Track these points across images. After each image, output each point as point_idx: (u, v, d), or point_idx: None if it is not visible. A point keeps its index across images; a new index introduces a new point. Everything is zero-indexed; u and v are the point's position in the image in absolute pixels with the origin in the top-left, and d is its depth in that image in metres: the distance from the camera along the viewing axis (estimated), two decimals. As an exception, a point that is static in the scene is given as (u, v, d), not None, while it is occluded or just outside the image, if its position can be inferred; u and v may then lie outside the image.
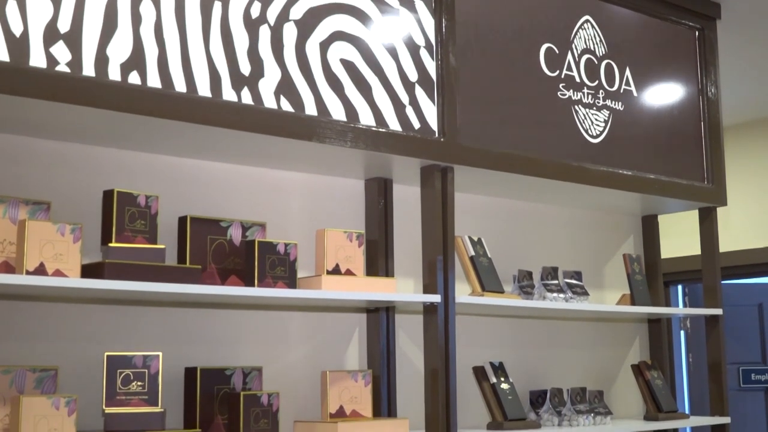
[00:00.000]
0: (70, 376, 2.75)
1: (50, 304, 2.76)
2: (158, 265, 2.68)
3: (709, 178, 4.21)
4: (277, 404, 2.88)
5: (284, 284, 2.94)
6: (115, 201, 2.70)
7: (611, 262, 4.35)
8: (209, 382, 2.90)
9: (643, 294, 4.06)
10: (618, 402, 4.26)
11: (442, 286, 3.22)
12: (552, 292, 3.69)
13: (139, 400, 2.68)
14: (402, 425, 3.15)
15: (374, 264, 3.38)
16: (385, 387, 3.35)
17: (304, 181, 3.36)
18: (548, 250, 4.07)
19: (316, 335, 3.32)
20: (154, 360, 2.73)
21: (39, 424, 2.44)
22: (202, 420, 2.86)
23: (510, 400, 3.50)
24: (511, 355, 3.86)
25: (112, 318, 2.88)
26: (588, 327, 4.21)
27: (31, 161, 2.79)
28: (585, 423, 3.68)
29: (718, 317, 4.17)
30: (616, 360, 4.31)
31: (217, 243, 2.99)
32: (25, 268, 2.46)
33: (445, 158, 3.28)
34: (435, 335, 3.19)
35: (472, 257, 3.51)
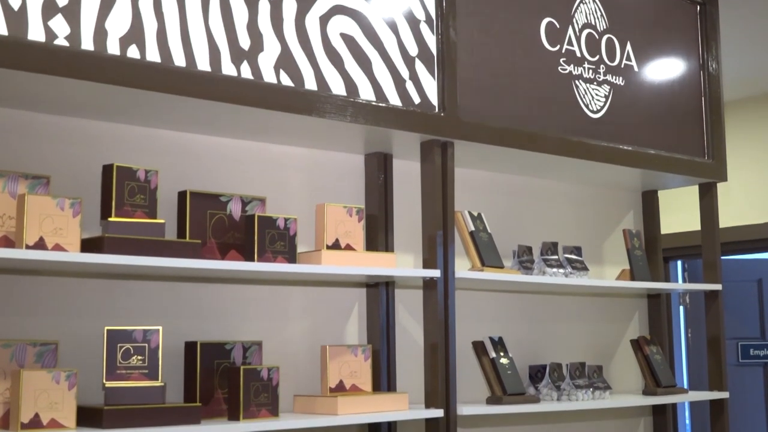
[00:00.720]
0: (70, 350, 2.75)
1: (50, 279, 2.77)
2: (158, 240, 2.68)
3: (710, 154, 4.20)
4: (276, 378, 2.88)
5: (284, 259, 2.94)
6: (115, 175, 2.69)
7: (611, 238, 4.35)
8: (209, 357, 2.91)
9: (642, 269, 4.06)
10: (617, 377, 4.27)
11: (442, 261, 3.22)
12: (552, 267, 3.69)
13: (140, 374, 2.69)
14: (401, 400, 3.16)
15: (374, 239, 3.38)
16: (384, 362, 3.36)
17: (304, 156, 3.36)
18: (548, 225, 4.07)
19: (315, 310, 3.33)
20: (154, 334, 2.73)
21: (39, 397, 2.45)
22: (202, 394, 2.87)
23: (509, 374, 3.51)
24: (511, 330, 3.87)
25: (112, 292, 2.88)
26: (587, 302, 4.22)
27: (30, 135, 2.78)
28: (584, 397, 3.69)
29: (717, 292, 4.18)
30: (616, 335, 4.32)
31: (216, 218, 2.98)
32: (25, 242, 2.46)
33: (445, 133, 3.27)
34: (435, 310, 3.20)
35: (472, 232, 3.51)
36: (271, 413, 2.85)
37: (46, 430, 2.44)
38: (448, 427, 3.18)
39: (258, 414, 2.82)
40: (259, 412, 2.82)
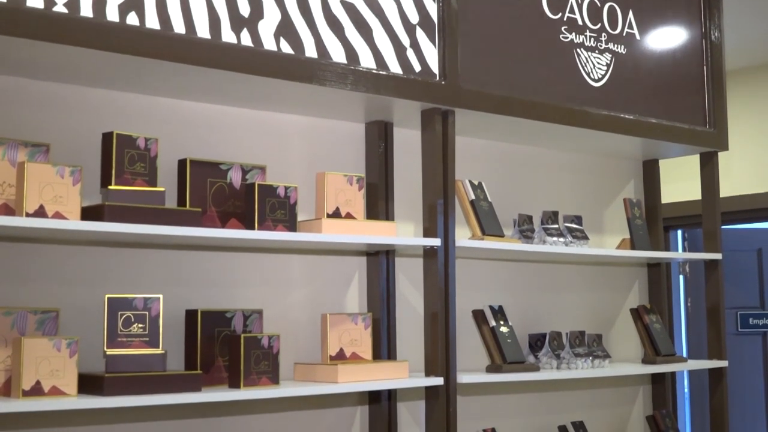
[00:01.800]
0: (71, 318, 2.76)
1: (50, 246, 2.77)
2: (158, 208, 2.67)
3: (711, 123, 4.19)
4: (277, 346, 2.89)
5: (284, 227, 2.94)
6: (115, 143, 2.69)
7: (612, 207, 4.35)
8: (210, 325, 2.91)
9: (642, 238, 4.06)
10: (616, 345, 4.28)
11: (442, 230, 3.22)
12: (552, 236, 3.69)
13: (140, 342, 2.69)
14: (402, 368, 3.17)
15: (374, 207, 3.38)
16: (384, 330, 3.37)
17: (304, 124, 3.35)
18: (549, 194, 4.07)
19: (316, 278, 3.33)
20: (154, 302, 2.73)
21: (41, 365, 2.45)
22: (203, 362, 2.88)
23: (509, 343, 3.52)
24: (511, 298, 3.87)
25: (113, 260, 2.88)
26: (587, 271, 4.22)
27: (30, 103, 2.77)
28: (583, 366, 3.70)
29: (717, 262, 4.18)
30: (615, 304, 4.33)
31: (217, 186, 2.98)
32: (25, 210, 2.46)
33: (446, 101, 3.26)
34: (435, 279, 3.20)
35: (473, 201, 3.50)
36: (271, 381, 2.86)
37: (48, 397, 2.45)
38: (448, 395, 3.19)
39: (258, 382, 2.83)
40: (260, 379, 2.83)
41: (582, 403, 4.11)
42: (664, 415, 4.18)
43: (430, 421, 3.20)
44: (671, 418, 4.21)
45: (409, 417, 3.49)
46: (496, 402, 3.80)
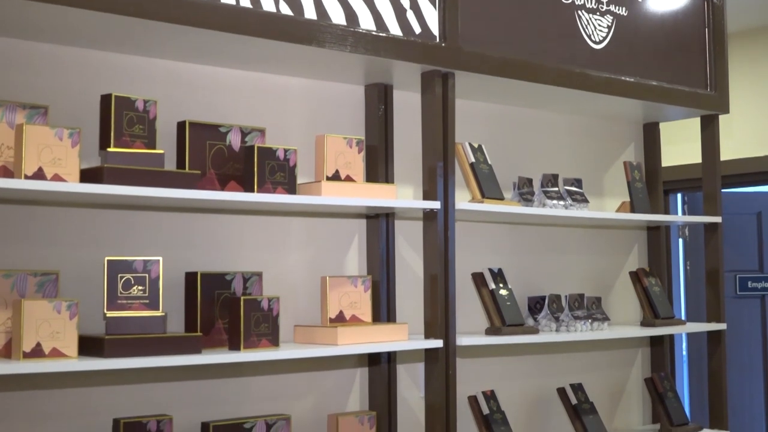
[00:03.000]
0: (71, 280, 2.76)
1: (49, 209, 2.76)
2: (157, 170, 2.67)
3: (712, 86, 4.17)
4: (277, 309, 2.90)
5: (284, 190, 2.94)
6: (113, 105, 2.68)
7: (612, 170, 4.34)
8: (210, 287, 2.92)
9: (642, 201, 4.06)
10: (616, 308, 4.29)
11: (442, 193, 3.22)
12: (552, 199, 3.69)
13: (140, 304, 2.70)
14: (401, 330, 3.18)
15: (374, 170, 3.37)
16: (384, 292, 3.37)
17: (304, 87, 3.33)
18: (549, 157, 4.06)
19: (315, 241, 3.33)
20: (154, 264, 2.74)
21: (41, 327, 2.46)
22: (203, 324, 2.88)
23: (508, 306, 3.53)
24: (510, 261, 3.88)
25: (112, 222, 2.88)
26: (587, 234, 4.22)
27: (28, 65, 2.76)
28: (582, 329, 3.71)
29: (717, 225, 4.18)
30: (615, 267, 4.33)
31: (216, 148, 2.97)
32: (24, 172, 2.45)
33: (446, 63, 3.24)
34: (434, 241, 3.20)
35: (473, 164, 3.49)
36: (271, 343, 2.87)
37: (48, 359, 2.46)
38: (448, 358, 3.20)
39: (258, 344, 2.84)
40: (260, 341, 2.84)
41: (581, 365, 4.12)
42: (662, 377, 4.20)
43: (429, 383, 3.21)
44: (669, 381, 4.23)
45: (408, 379, 3.51)
46: (495, 364, 3.81)
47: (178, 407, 2.96)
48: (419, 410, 3.44)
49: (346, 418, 3.20)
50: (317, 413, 3.27)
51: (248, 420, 2.98)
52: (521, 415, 3.87)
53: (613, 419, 4.24)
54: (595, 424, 3.84)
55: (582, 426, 3.81)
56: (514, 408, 3.81)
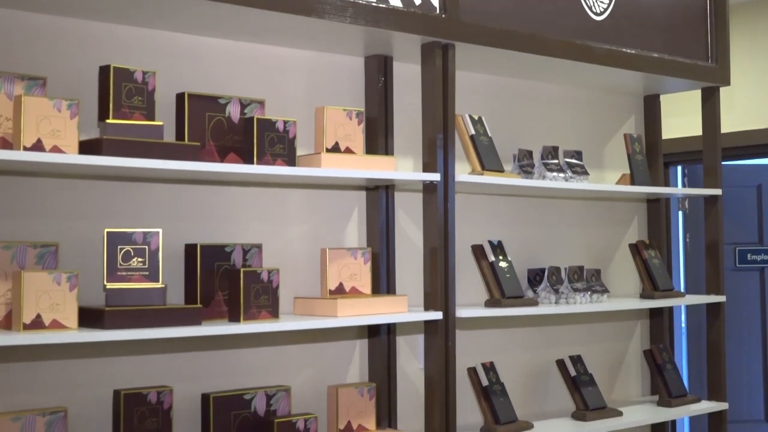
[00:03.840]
0: (71, 252, 2.76)
1: (49, 180, 2.76)
2: (156, 142, 2.66)
3: (713, 58, 4.16)
4: (277, 281, 2.90)
5: (283, 162, 2.93)
6: (112, 77, 2.66)
7: (612, 142, 4.34)
8: (209, 259, 2.92)
9: (642, 174, 4.05)
10: (615, 280, 4.30)
11: (442, 165, 3.21)
12: (552, 171, 3.68)
13: (140, 275, 2.70)
14: (401, 302, 3.18)
15: (374, 142, 3.36)
16: (384, 264, 3.37)
17: (304, 58, 3.32)
18: (549, 129, 4.05)
19: (315, 213, 3.33)
20: (154, 236, 2.73)
21: (41, 298, 2.46)
22: (203, 296, 2.89)
23: (508, 278, 3.53)
24: (510, 233, 3.88)
25: (111, 194, 2.88)
26: (587, 206, 4.22)
27: (26, 36, 2.74)
28: (582, 301, 3.72)
29: (717, 197, 4.18)
30: (615, 239, 4.33)
31: (215, 120, 2.96)
32: (23, 144, 2.44)
33: (447, 35, 3.23)
34: (434, 214, 3.20)
35: (473, 136, 3.49)
36: (271, 315, 2.87)
37: (48, 330, 2.46)
38: (447, 330, 3.21)
39: (258, 315, 2.84)
40: (260, 313, 2.85)
41: (580, 337, 4.13)
42: (661, 349, 4.21)
43: (428, 355, 3.22)
44: (668, 353, 4.24)
45: (408, 351, 3.52)
46: (495, 336, 3.82)
47: (178, 378, 2.97)
48: (419, 382, 3.45)
49: (346, 390, 3.21)
50: (317, 385, 3.28)
51: (248, 391, 2.99)
52: (520, 387, 3.89)
53: (611, 391, 4.26)
54: (594, 396, 3.85)
55: (581, 397, 3.82)
56: (513, 380, 3.82)
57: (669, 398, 4.09)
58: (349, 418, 3.20)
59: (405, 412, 3.45)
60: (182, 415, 2.95)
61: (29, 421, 2.56)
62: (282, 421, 2.92)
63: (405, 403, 3.45)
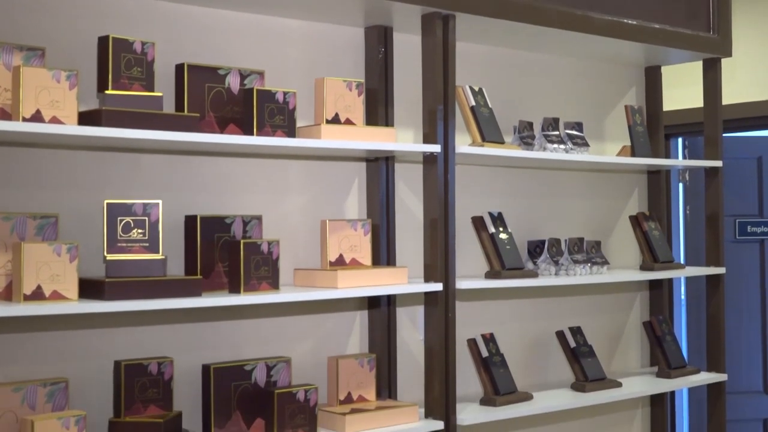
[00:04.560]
0: (70, 223, 2.76)
1: (48, 151, 2.75)
2: (156, 113, 2.65)
3: (715, 29, 4.13)
4: (277, 252, 2.90)
5: (283, 133, 2.92)
6: (111, 47, 2.65)
7: (613, 114, 4.32)
8: (209, 230, 2.92)
9: (643, 145, 4.05)
10: (615, 252, 4.30)
11: (442, 136, 3.20)
12: (552, 143, 3.67)
13: (140, 247, 2.70)
14: (401, 274, 3.19)
15: (374, 113, 3.35)
16: (384, 236, 3.37)
17: (303, 29, 3.30)
18: (550, 100, 4.04)
19: (315, 184, 3.32)
20: (154, 208, 2.73)
21: (41, 270, 2.46)
22: (203, 267, 2.89)
23: (508, 249, 3.53)
24: (510, 205, 3.87)
25: (111, 165, 2.87)
26: (587, 178, 4.21)
27: (25, 6, 2.72)
28: (582, 272, 3.72)
29: (717, 169, 4.17)
30: (615, 211, 4.33)
31: (215, 91, 2.95)
32: (22, 114, 2.44)
33: (447, 5, 3.21)
34: (434, 185, 3.20)
35: (473, 107, 3.48)
36: (271, 286, 2.88)
37: (49, 301, 2.46)
38: (447, 301, 3.21)
39: (259, 287, 2.85)
40: (260, 285, 2.85)
41: (580, 309, 4.14)
42: (660, 320, 4.22)
43: (429, 327, 3.22)
44: (668, 324, 4.25)
45: (408, 322, 3.52)
46: (495, 308, 3.83)
47: (178, 350, 2.97)
48: (419, 353, 3.46)
49: (346, 361, 3.21)
50: (317, 356, 3.29)
51: (249, 362, 3.00)
52: (520, 358, 3.90)
53: (611, 362, 4.27)
54: (594, 367, 3.86)
55: (580, 369, 3.83)
56: (513, 351, 3.83)
57: (668, 369, 4.11)
58: (349, 388, 3.21)
59: (405, 383, 3.46)
60: (183, 385, 2.96)
61: (30, 391, 2.57)
62: (282, 392, 2.93)
63: (405, 374, 3.46)
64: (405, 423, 3.15)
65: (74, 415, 2.52)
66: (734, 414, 5.03)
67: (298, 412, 2.95)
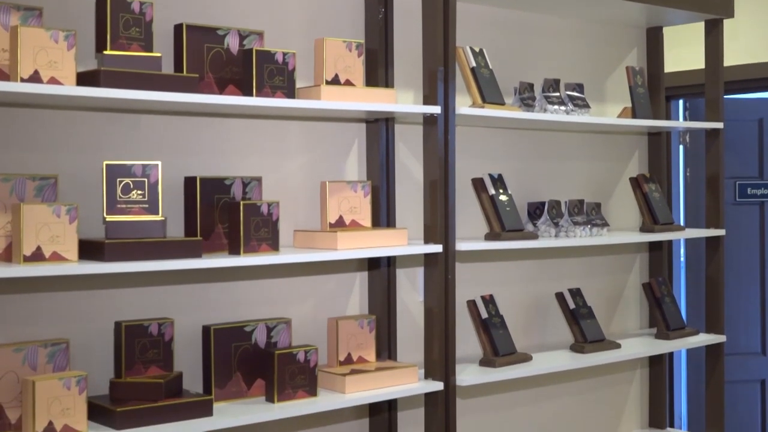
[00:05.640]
0: (70, 184, 2.75)
1: (47, 112, 2.74)
2: (155, 74, 2.64)
3: (717, -11, 4.11)
4: (276, 214, 2.90)
5: (283, 94, 2.91)
6: (109, 7, 2.63)
7: (614, 75, 4.30)
8: (209, 192, 2.91)
9: (644, 107, 4.03)
10: (615, 214, 4.30)
11: (443, 97, 3.19)
12: (553, 104, 3.66)
13: (140, 208, 2.70)
14: (401, 235, 3.19)
15: (374, 74, 3.33)
16: (384, 198, 3.37)
17: (303, -11, 3.28)
18: (550, 61, 4.02)
19: (315, 145, 3.31)
20: (153, 169, 2.73)
21: (41, 231, 2.46)
22: (203, 229, 2.89)
23: (508, 211, 3.53)
24: (510, 167, 3.87)
25: (110, 126, 2.86)
26: (588, 139, 4.20)
27: (21, -35, 2.70)
28: (582, 234, 3.72)
29: (718, 131, 4.16)
30: (615, 173, 4.33)
31: (214, 51, 2.94)
32: (20, 75, 2.42)
33: (447, -35, 3.19)
34: (434, 147, 3.19)
35: (474, 68, 3.46)
36: (271, 247, 2.88)
37: (49, 262, 2.47)
38: (447, 262, 3.22)
39: (258, 248, 2.85)
40: (260, 246, 2.85)
41: (579, 270, 4.15)
42: (660, 282, 4.23)
43: (428, 288, 3.23)
44: (667, 286, 4.26)
45: (407, 283, 3.53)
46: (494, 269, 3.83)
47: (179, 310, 2.98)
48: (418, 314, 3.47)
49: (346, 322, 3.22)
50: (317, 317, 3.30)
51: (249, 323, 3.01)
52: (519, 319, 3.91)
53: (610, 324, 4.28)
54: (593, 329, 3.88)
55: (579, 330, 3.85)
56: (512, 312, 3.84)
57: (667, 331, 4.12)
58: (349, 349, 3.22)
59: (405, 344, 3.47)
60: (183, 346, 2.97)
61: (31, 352, 2.58)
62: (282, 353, 2.94)
63: (405, 335, 3.48)
64: (404, 384, 3.17)
65: (75, 375, 2.53)
66: (732, 375, 5.06)
67: (298, 373, 2.96)
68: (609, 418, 4.31)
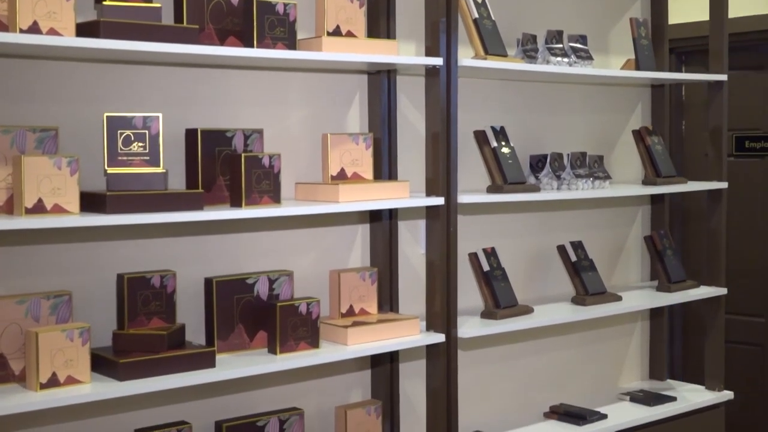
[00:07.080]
0: (70, 136, 2.74)
1: (46, 63, 2.72)
2: (155, 25, 2.62)
3: (723, -61, 4.07)
4: (278, 166, 2.89)
5: (284, 45, 2.89)
6: (108, -43, 2.61)
7: (617, 27, 4.27)
8: (210, 144, 2.90)
9: (647, 59, 4.00)
10: (618, 167, 4.29)
11: (445, 49, 3.17)
12: (556, 56, 3.63)
13: (141, 160, 2.69)
14: (403, 188, 3.18)
15: (375, 25, 3.31)
16: (386, 150, 3.36)
17: (303, -61, 3.24)
18: (553, 13, 3.99)
19: (316, 97, 3.30)
20: (154, 121, 2.71)
21: (42, 183, 2.46)
22: (204, 181, 2.88)
23: (510, 164, 3.52)
24: (513, 119, 3.85)
25: (110, 78, 2.85)
26: (591, 92, 4.18)
27: None
28: (584, 187, 3.71)
29: (722, 83, 4.14)
30: (618, 125, 4.31)
31: (214, 2, 2.91)
32: (19, 26, 2.40)
33: None
34: (437, 98, 3.17)
35: (476, 19, 3.43)
36: (273, 200, 2.87)
37: (50, 214, 2.46)
38: (449, 215, 3.21)
39: (260, 200, 2.84)
40: (261, 198, 2.85)
41: (581, 223, 4.15)
42: (661, 235, 4.23)
43: (430, 240, 3.23)
44: (668, 239, 4.26)
45: (409, 236, 3.53)
46: (496, 222, 3.83)
47: (181, 263, 2.98)
48: (420, 267, 3.47)
49: (348, 274, 3.23)
50: (319, 269, 3.31)
51: (251, 275, 3.01)
52: (521, 272, 3.92)
53: (611, 276, 4.29)
54: (594, 281, 3.88)
55: (581, 283, 3.85)
56: (514, 265, 3.84)
57: (668, 283, 4.13)
58: (351, 302, 3.23)
59: (406, 296, 3.48)
60: (185, 298, 2.98)
61: (34, 303, 2.59)
62: (284, 305, 2.95)
63: (406, 287, 3.48)
64: (406, 336, 3.18)
65: (78, 327, 2.54)
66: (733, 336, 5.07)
67: (300, 325, 2.97)
68: (610, 370, 4.33)
